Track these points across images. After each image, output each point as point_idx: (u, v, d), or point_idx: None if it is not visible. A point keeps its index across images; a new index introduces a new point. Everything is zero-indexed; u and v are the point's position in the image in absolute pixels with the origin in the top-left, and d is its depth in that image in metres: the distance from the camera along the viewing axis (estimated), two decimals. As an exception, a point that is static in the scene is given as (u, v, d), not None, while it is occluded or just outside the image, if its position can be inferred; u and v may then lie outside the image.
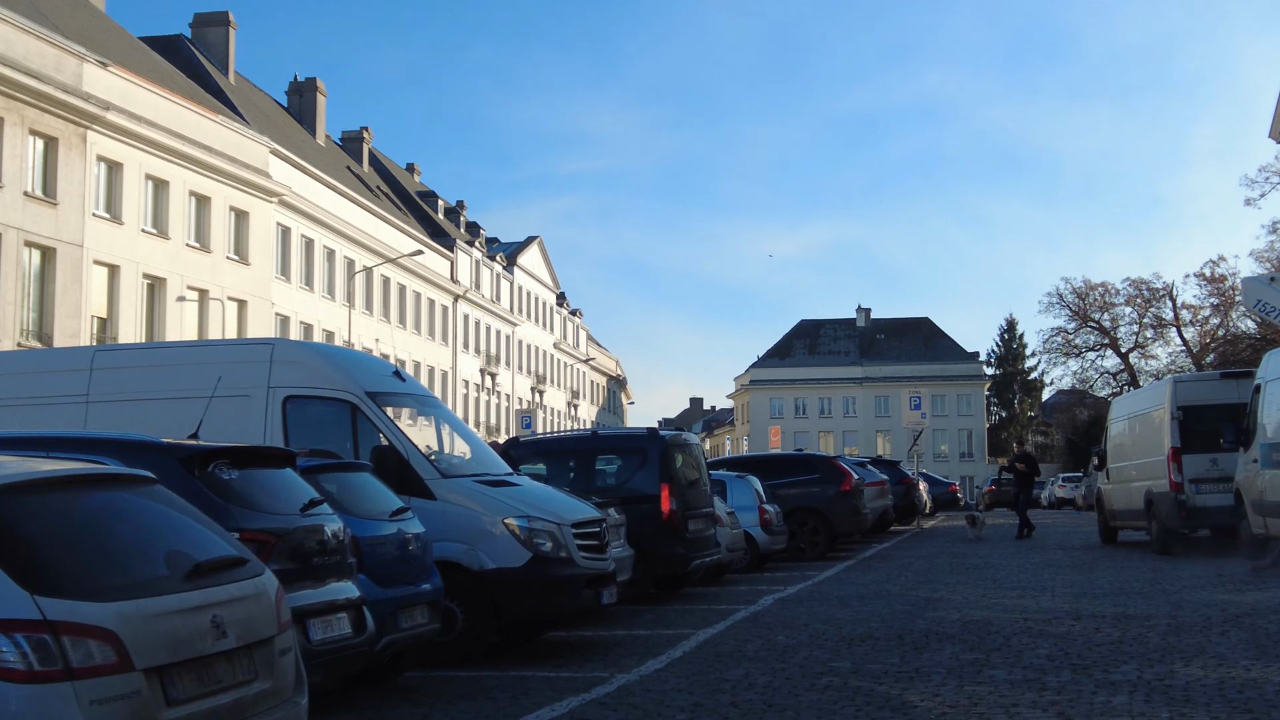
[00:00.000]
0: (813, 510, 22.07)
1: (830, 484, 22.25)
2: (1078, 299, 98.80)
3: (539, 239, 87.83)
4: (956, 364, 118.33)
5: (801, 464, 23.06)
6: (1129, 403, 23.72)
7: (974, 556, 21.89)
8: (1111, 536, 24.66)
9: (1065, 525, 35.54)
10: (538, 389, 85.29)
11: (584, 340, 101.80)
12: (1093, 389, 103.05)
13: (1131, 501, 22.24)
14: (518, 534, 10.54)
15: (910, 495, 31.61)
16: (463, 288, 70.09)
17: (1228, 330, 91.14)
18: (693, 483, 15.82)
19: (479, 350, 73.73)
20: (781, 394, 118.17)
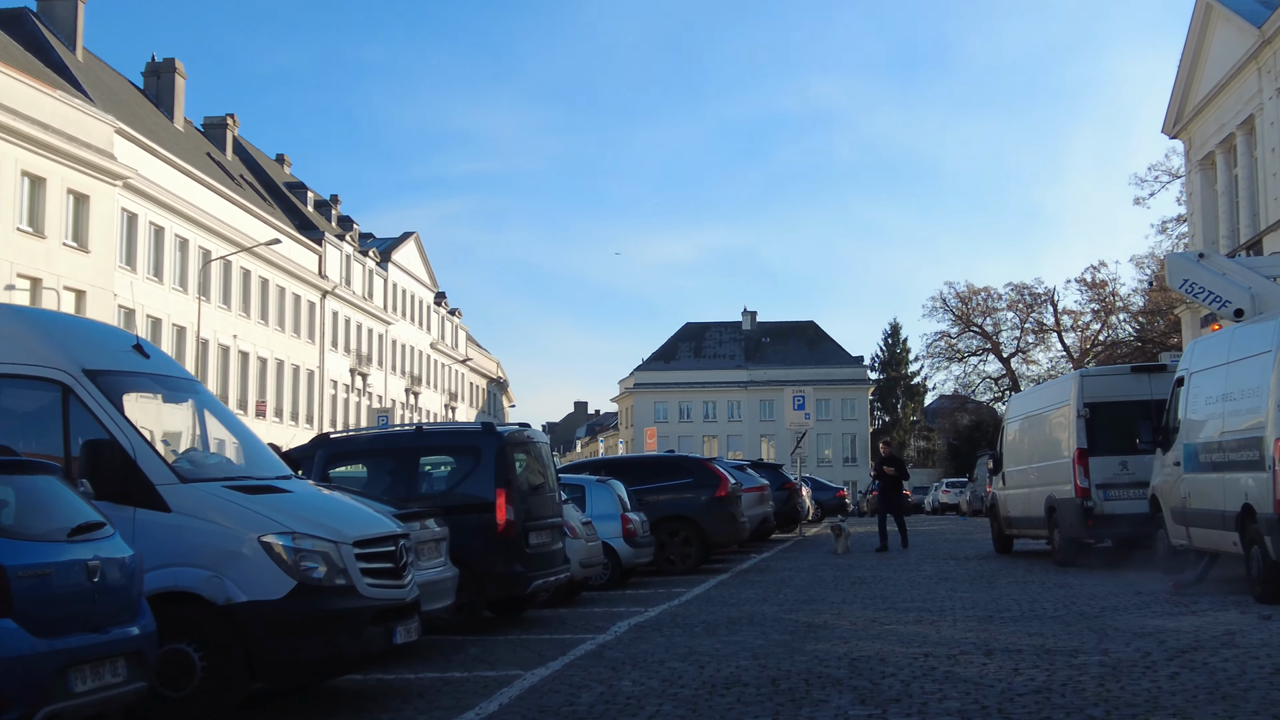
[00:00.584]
0: (684, 519, 19.80)
1: (704, 489, 20.01)
2: (961, 303, 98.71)
3: (415, 235, 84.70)
4: (841, 368, 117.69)
5: (672, 467, 20.74)
6: (1028, 400, 21.82)
7: (860, 569, 19.82)
8: (1007, 546, 22.83)
9: (954, 532, 33.84)
10: (412, 390, 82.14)
11: (463, 341, 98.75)
12: (975, 394, 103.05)
13: (1031, 508, 20.38)
14: (280, 555, 8.05)
15: (792, 501, 29.58)
16: (331, 283, 66.79)
17: (1109, 335, 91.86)
18: (536, 488, 13.41)
19: (349, 349, 70.46)
20: (665, 397, 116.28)
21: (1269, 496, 11.69)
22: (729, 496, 20.01)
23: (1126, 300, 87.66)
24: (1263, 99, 33.67)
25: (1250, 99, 34.63)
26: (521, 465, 13.25)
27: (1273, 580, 11.97)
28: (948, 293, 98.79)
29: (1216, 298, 14.45)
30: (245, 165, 69.09)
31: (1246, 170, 36.02)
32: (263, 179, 69.36)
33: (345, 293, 69.16)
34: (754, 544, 26.83)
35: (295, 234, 63.81)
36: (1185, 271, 15.00)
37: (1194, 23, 38.19)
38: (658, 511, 19.75)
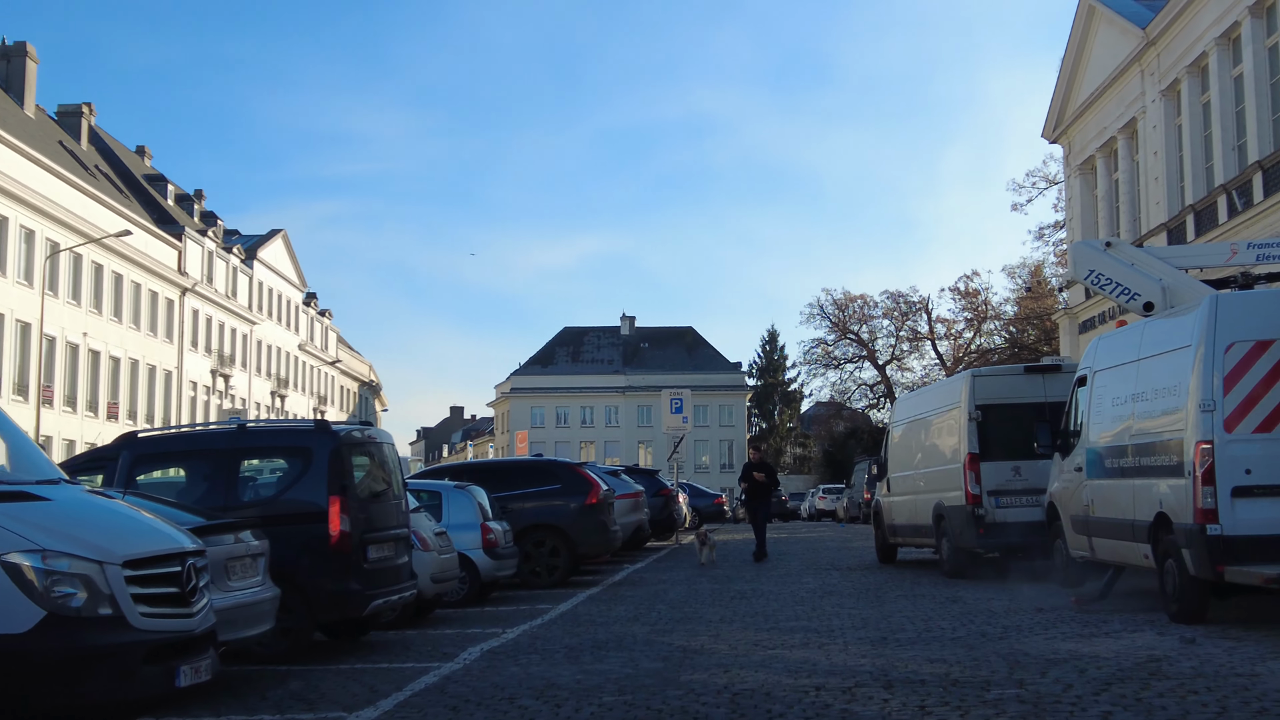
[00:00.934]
0: (551, 527, 18.30)
1: (573, 496, 18.54)
2: (838, 310, 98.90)
3: (283, 232, 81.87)
4: (719, 374, 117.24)
5: (540, 472, 19.20)
6: (915, 403, 20.77)
7: (739, 581, 18.56)
8: (891, 555, 21.81)
9: (833, 540, 32.89)
10: (278, 393, 79.30)
11: (334, 343, 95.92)
12: (850, 401, 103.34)
13: (918, 516, 19.34)
14: (26, 579, 6.43)
15: (669, 508, 28.30)
16: (192, 280, 63.92)
17: (981, 343, 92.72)
18: (378, 495, 11.83)
19: (210, 349, 67.54)
20: (542, 402, 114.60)
21: (1188, 505, 10.63)
22: (600, 504, 18.57)
23: (998, 309, 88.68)
24: (1145, 101, 33.40)
25: (1133, 101, 34.37)
26: (361, 469, 11.66)
27: (1191, 597, 10.92)
28: (825, 300, 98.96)
29: (1124, 289, 13.45)
30: (102, 156, 65.83)
31: (1127, 174, 35.78)
32: (120, 170, 66.17)
33: (207, 290, 66.28)
34: (628, 553, 25.48)
35: (153, 228, 60.86)
36: (1090, 261, 13.97)
37: (1076, 25, 37.94)
38: (523, 520, 18.25)
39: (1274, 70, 27.15)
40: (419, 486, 16.03)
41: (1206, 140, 30.45)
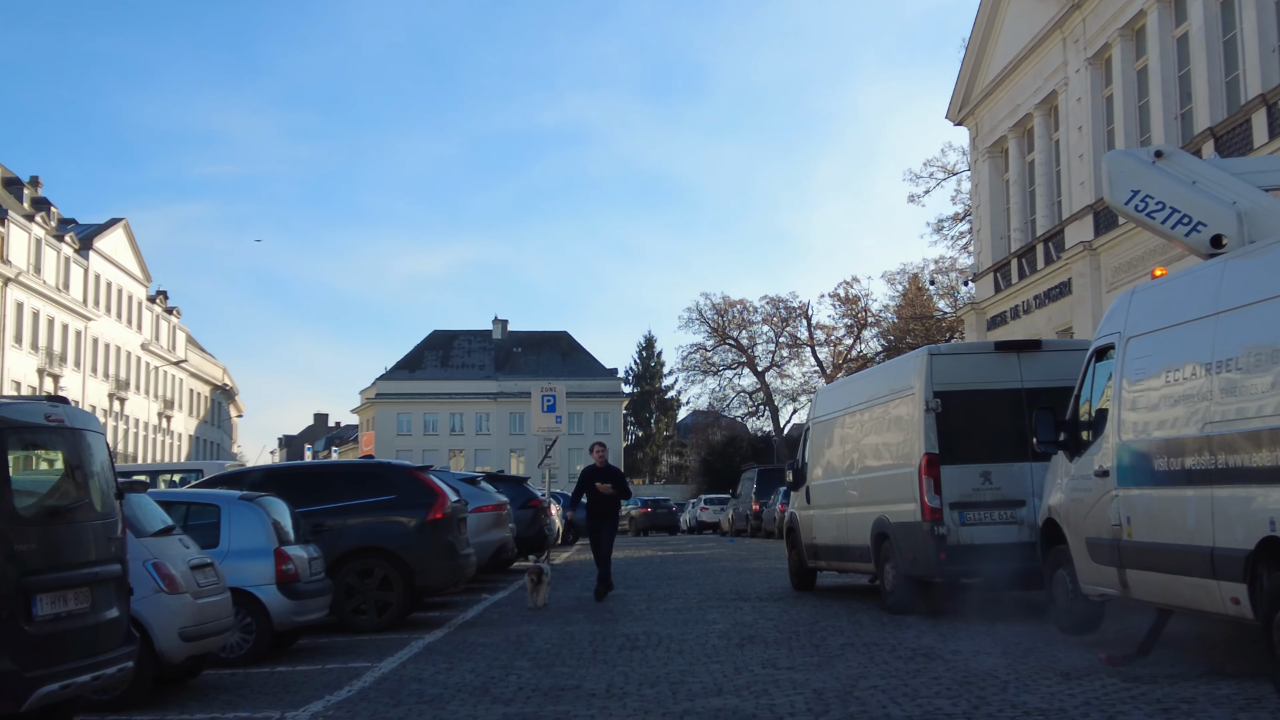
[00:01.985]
0: (381, 552, 13.89)
1: (410, 510, 14.12)
2: (717, 315, 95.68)
3: (124, 221, 75.59)
4: (595, 380, 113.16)
5: (368, 479, 14.56)
6: (845, 392, 16.72)
7: (627, 619, 14.48)
8: (809, 581, 17.89)
9: (727, 558, 28.98)
10: (117, 395, 73.01)
11: (182, 343, 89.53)
12: (729, 408, 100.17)
13: (849, 534, 15.46)
14: None
15: (539, 522, 24.07)
16: (14, 269, 57.73)
17: (860, 350, 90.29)
18: (63, 512, 7.46)
19: (36, 346, 61.31)
20: (409, 408, 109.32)
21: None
22: (446, 520, 14.21)
23: (878, 315, 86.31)
24: (1068, 72, 30.22)
25: (1052, 74, 31.22)
26: (35, 473, 7.29)
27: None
28: (704, 304, 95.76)
29: (1183, 217, 9.61)
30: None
31: (1045, 154, 32.61)
32: (-66, 147, 59.68)
33: (33, 281, 60.08)
34: (488, 578, 21.25)
35: (-32, 210, 54.68)
36: (1134, 179, 10.11)
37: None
38: (344, 542, 13.89)
39: (1227, 26, 24.03)
40: (183, 499, 11.66)
41: (1142, 110, 27.31)
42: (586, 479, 18.09)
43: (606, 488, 17.72)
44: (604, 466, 18.03)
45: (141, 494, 10.08)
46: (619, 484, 17.92)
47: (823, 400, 17.44)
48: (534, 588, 15.94)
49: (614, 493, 17.86)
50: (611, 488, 17.78)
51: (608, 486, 17.73)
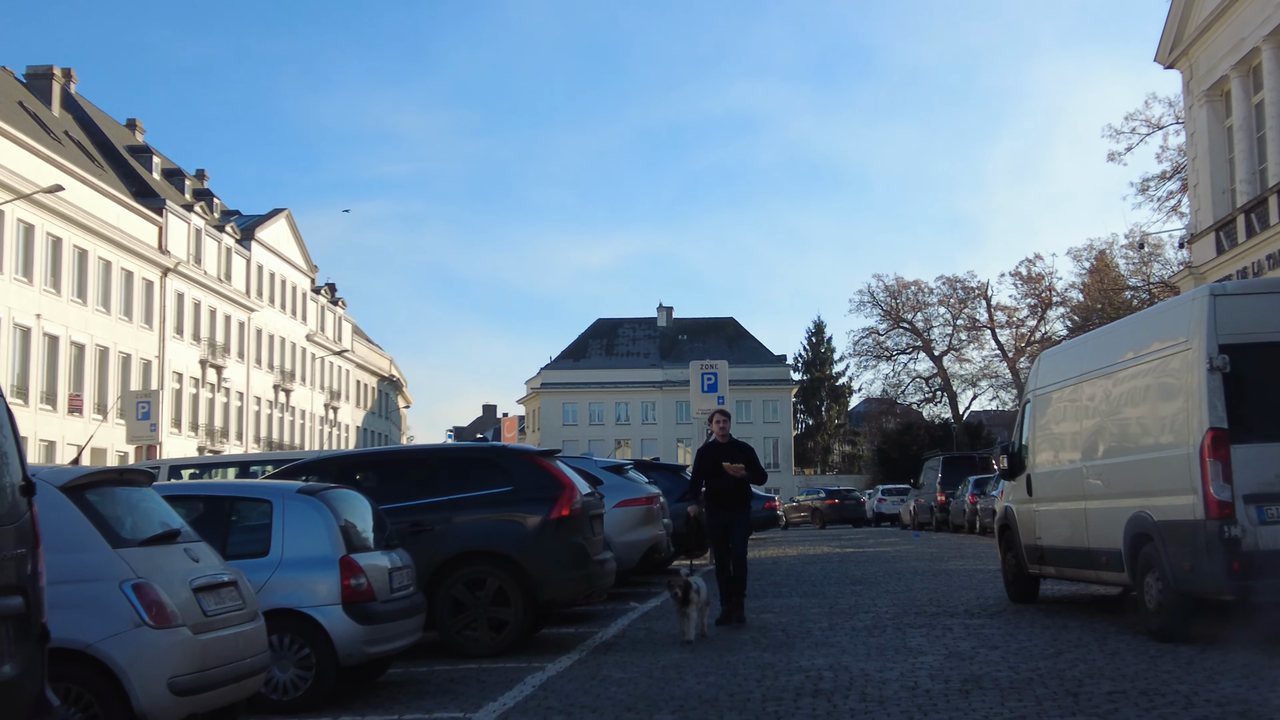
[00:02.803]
0: (496, 556, 11.08)
1: (532, 505, 11.06)
2: (890, 298, 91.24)
3: (287, 212, 75.21)
4: (763, 366, 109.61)
5: (479, 466, 11.52)
6: (1084, 351, 13.04)
7: (802, 647, 11.38)
8: (1030, 591, 14.44)
9: (914, 555, 25.56)
10: (283, 387, 72.62)
11: (348, 334, 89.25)
12: (904, 394, 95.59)
13: (1090, 536, 12.05)
14: None
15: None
16: (174, 259, 57.30)
17: (1045, 332, 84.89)
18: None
19: (199, 337, 60.89)
20: (575, 398, 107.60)
21: None
22: (575, 518, 11.22)
23: (1064, 294, 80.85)
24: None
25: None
26: None
27: None
28: (876, 286, 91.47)
29: None
30: (80, 125, 59.45)
31: (1276, 93, 28.22)
32: (98, 140, 59.68)
33: (193, 271, 59.65)
34: (640, 580, 18.39)
35: (128, 200, 54.24)
36: None
37: (1207, -92, 30.42)
38: (449, 545, 11.09)
39: None
40: (227, 492, 9.03)
41: None
42: (706, 459, 13.33)
43: (738, 469, 12.97)
44: (728, 442, 13.37)
45: (143, 487, 7.42)
46: (751, 464, 13.15)
47: (1049, 365, 13.92)
48: (681, 610, 11.65)
49: (746, 475, 13.08)
50: (743, 468, 13.05)
51: (739, 468, 12.98)
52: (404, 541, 10.24)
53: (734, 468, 12.96)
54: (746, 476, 13.10)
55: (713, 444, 13.54)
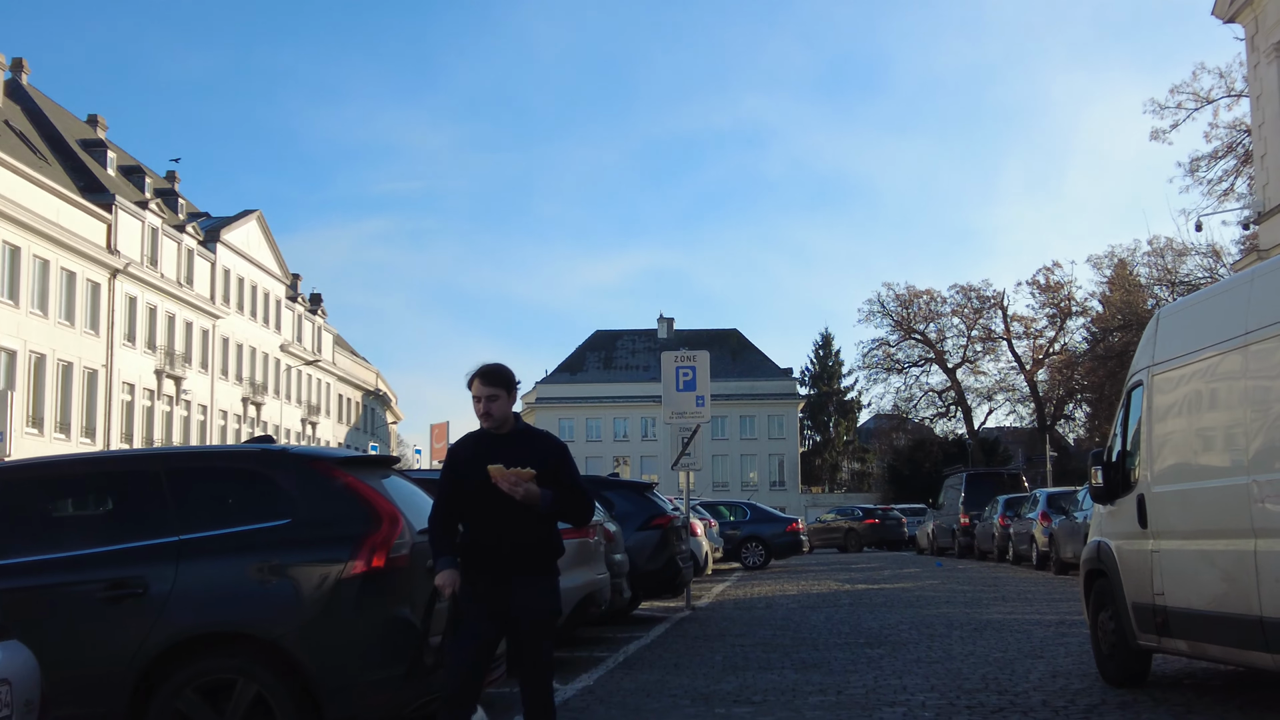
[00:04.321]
0: (250, 642, 6.11)
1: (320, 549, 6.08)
2: (901, 307, 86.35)
3: (258, 214, 70.59)
4: (768, 380, 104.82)
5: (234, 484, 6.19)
6: (1251, 301, 8.13)
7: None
8: (1136, 668, 9.52)
9: (944, 597, 20.77)
10: (253, 400, 67.89)
11: (329, 345, 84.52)
12: (916, 408, 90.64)
13: (1267, 594, 7.23)
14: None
15: (669, 548, 16.28)
16: (125, 260, 52.66)
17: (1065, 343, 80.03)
18: None
19: (154, 345, 56.20)
20: (572, 413, 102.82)
21: None
22: (394, 573, 6.23)
23: (1084, 304, 76.06)
24: None
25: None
26: None
27: None
28: (886, 295, 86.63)
29: None
30: (28, 116, 54.98)
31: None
32: (46, 131, 55.17)
33: (147, 274, 54.98)
34: (595, 634, 13.63)
35: (72, 195, 49.66)
36: None
37: None
38: (170, 623, 6.19)
39: None
40: None
41: None
42: (461, 468, 6.17)
43: (521, 477, 5.89)
44: (509, 432, 6.22)
45: None
46: (559, 477, 6.10)
47: (1180, 325, 8.98)
48: None
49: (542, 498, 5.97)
50: (532, 477, 5.92)
51: (523, 478, 5.89)
52: (90, 614, 5.53)
53: (516, 477, 5.87)
54: (546, 500, 6.00)
55: (478, 439, 6.26)
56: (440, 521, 6.10)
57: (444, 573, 5.96)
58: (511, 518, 5.94)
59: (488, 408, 6.10)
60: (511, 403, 6.21)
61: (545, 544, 6.11)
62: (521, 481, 5.85)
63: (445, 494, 6.12)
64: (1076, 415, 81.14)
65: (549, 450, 6.16)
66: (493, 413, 6.11)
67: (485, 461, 5.92)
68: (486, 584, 5.98)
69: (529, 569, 6.02)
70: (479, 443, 6.18)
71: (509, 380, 6.19)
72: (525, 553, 6.01)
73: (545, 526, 6.09)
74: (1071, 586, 21.60)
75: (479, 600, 5.97)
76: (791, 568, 32.41)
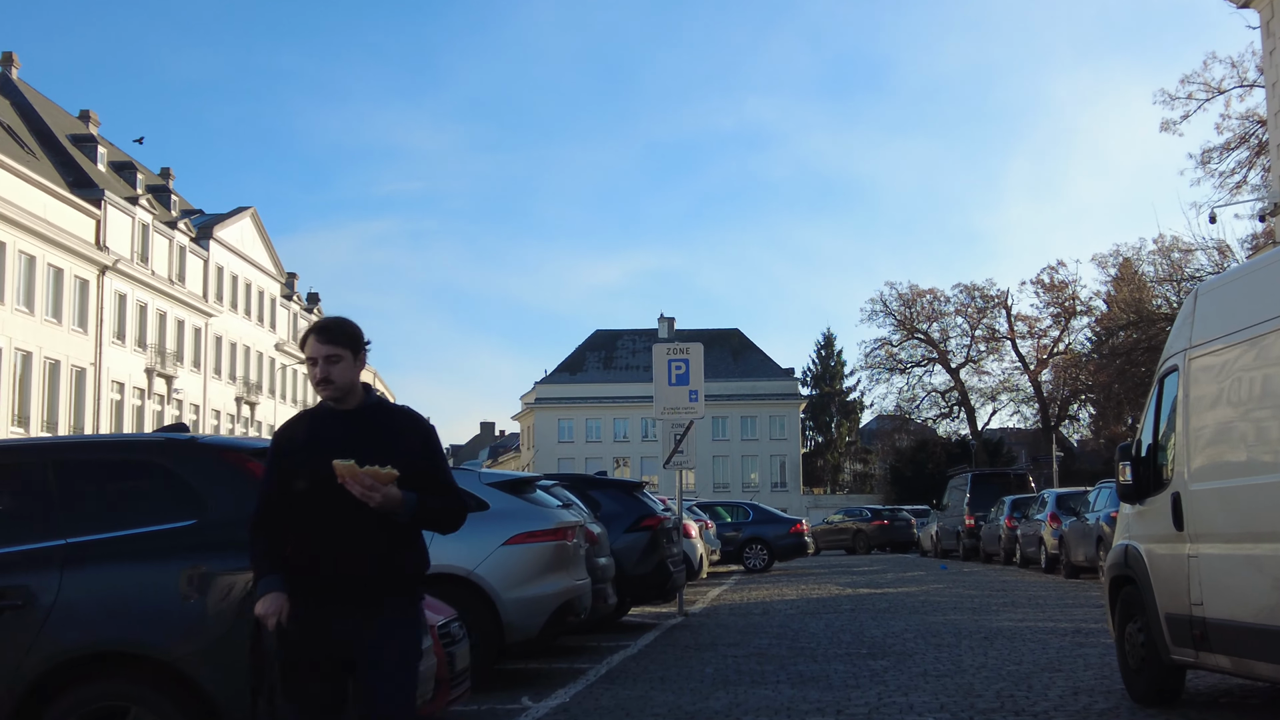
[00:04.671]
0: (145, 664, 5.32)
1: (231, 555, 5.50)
2: (904, 307, 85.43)
3: (252, 210, 69.67)
4: (770, 380, 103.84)
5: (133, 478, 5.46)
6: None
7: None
8: (1168, 685, 8.55)
9: (953, 598, 19.84)
10: (247, 399, 66.98)
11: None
12: (919, 409, 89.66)
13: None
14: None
15: (660, 551, 15.36)
16: (114, 257, 51.74)
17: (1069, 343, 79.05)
18: None
19: (144, 343, 55.29)
20: (571, 413, 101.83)
21: None
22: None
23: (1089, 303, 75.09)
24: None
25: None
26: None
27: None
28: (889, 294, 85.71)
29: None
30: (16, 109, 54.12)
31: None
32: (34, 126, 54.28)
33: (138, 271, 54.07)
34: (579, 644, 12.70)
35: (59, 190, 48.77)
36: None
37: None
38: (55, 639, 5.28)
39: None
40: None
41: None
42: (296, 455, 4.67)
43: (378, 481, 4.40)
44: (356, 409, 4.72)
45: None
46: (427, 468, 4.68)
47: (1221, 302, 8.02)
48: None
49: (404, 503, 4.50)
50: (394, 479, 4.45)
51: (381, 481, 4.41)
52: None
53: (373, 478, 4.41)
54: (410, 506, 4.55)
55: (314, 419, 4.84)
56: (261, 530, 4.66)
57: (266, 598, 4.48)
58: (359, 528, 4.49)
59: (326, 371, 4.61)
60: (359, 369, 4.73)
61: (403, 563, 4.64)
62: (380, 485, 4.39)
63: (269, 493, 4.67)
64: (1081, 416, 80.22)
65: (413, 436, 4.71)
66: (333, 378, 4.61)
67: (324, 450, 4.44)
68: (323, 618, 4.50)
69: (381, 597, 4.55)
70: (316, 424, 4.72)
71: (355, 337, 4.70)
72: (376, 575, 4.54)
73: (404, 540, 4.63)
74: (1084, 591, 20.65)
75: (311, 639, 4.50)
76: (792, 570, 31.46)
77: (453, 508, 4.72)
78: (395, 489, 4.44)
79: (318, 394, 4.71)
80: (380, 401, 4.77)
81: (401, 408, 4.86)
